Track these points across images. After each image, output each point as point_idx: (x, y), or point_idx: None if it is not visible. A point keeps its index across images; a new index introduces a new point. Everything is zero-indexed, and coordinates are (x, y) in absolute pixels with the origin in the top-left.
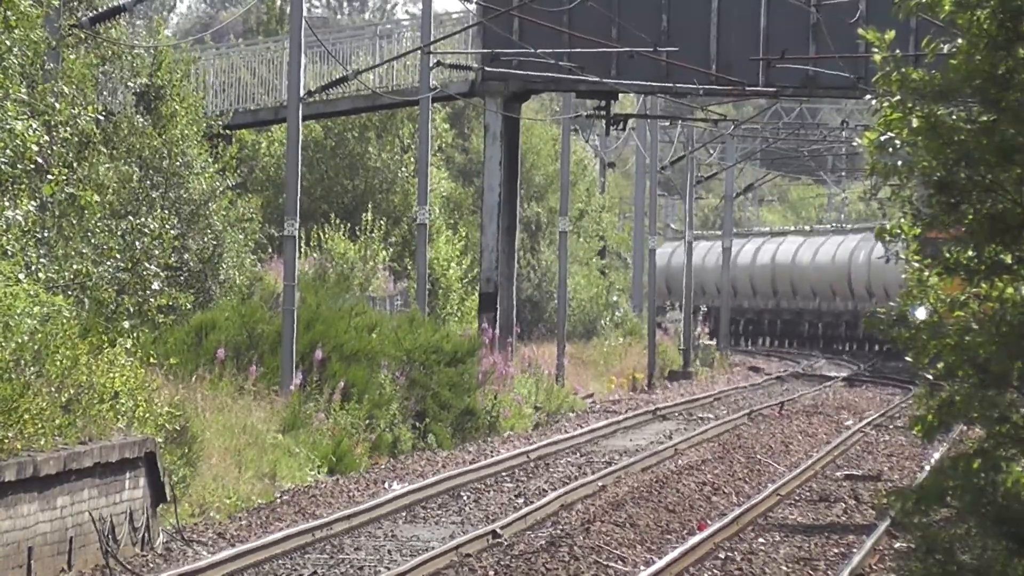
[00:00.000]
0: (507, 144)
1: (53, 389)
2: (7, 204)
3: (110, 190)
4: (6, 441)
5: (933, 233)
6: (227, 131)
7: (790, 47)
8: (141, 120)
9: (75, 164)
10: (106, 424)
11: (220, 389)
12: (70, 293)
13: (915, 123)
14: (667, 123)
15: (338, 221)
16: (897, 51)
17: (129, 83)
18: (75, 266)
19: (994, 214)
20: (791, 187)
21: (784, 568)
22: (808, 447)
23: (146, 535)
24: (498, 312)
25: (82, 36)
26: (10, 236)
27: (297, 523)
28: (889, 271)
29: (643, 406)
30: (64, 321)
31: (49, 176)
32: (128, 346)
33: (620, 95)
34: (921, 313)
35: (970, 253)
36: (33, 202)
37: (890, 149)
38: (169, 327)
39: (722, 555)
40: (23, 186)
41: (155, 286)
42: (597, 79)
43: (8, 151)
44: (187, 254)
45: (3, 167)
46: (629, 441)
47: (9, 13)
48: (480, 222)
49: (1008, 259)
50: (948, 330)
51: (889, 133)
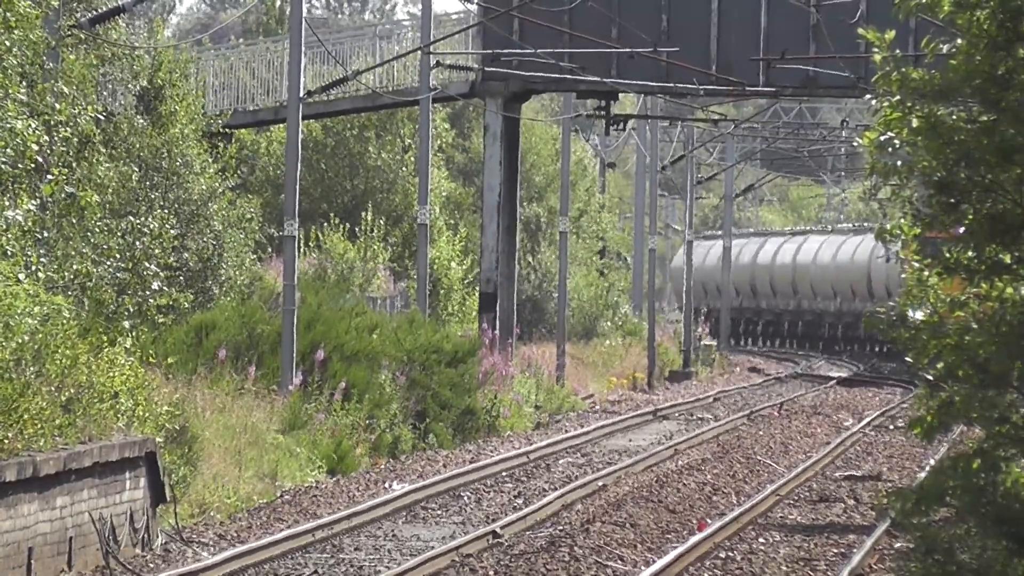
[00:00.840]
0: (507, 144)
1: (53, 389)
2: (7, 204)
3: (110, 190)
4: (6, 441)
5: (933, 232)
6: (226, 131)
7: (790, 47)
8: (141, 120)
9: (74, 164)
10: (106, 424)
11: (220, 389)
12: (70, 293)
13: (915, 123)
14: (667, 123)
15: (337, 221)
16: (897, 51)
17: (129, 84)
18: (75, 266)
19: (994, 214)
20: (791, 187)
21: (784, 568)
22: (808, 447)
23: (146, 535)
24: (498, 312)
25: (82, 37)
26: (10, 236)
27: (297, 523)
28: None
29: (643, 406)
30: (64, 321)
31: (49, 176)
32: (128, 345)
33: (620, 95)
34: (916, 314)
35: (970, 253)
36: (33, 202)
37: (890, 149)
38: (169, 327)
39: (722, 555)
40: (23, 186)
41: (155, 286)
42: (597, 79)
43: (8, 151)
44: (187, 254)
45: (3, 167)
46: (629, 441)
47: (8, 14)
48: (480, 222)
49: (1008, 259)
50: (948, 330)
51: (889, 133)
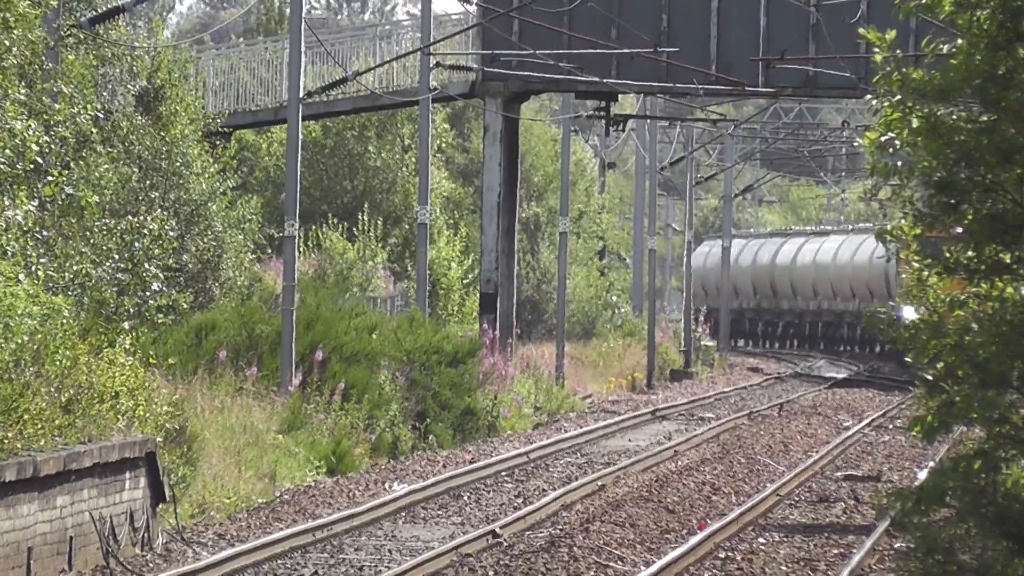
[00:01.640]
0: (507, 144)
1: (53, 389)
2: (7, 204)
3: (109, 190)
4: (6, 441)
5: (934, 232)
6: (226, 131)
7: (790, 47)
8: (140, 119)
9: (72, 164)
10: (106, 424)
11: (220, 389)
12: (70, 293)
13: (915, 123)
14: (667, 123)
15: (336, 221)
16: (898, 51)
17: (129, 84)
18: (75, 266)
19: (994, 214)
20: (791, 187)
21: (784, 568)
22: (808, 447)
23: (146, 535)
24: (498, 312)
25: (81, 37)
26: (10, 236)
27: (297, 523)
28: None
29: (643, 406)
30: (64, 321)
31: (49, 176)
32: (127, 345)
33: (620, 95)
34: (909, 314)
35: (970, 253)
36: (33, 202)
37: (890, 149)
38: (169, 328)
39: (722, 555)
40: (23, 186)
41: (155, 287)
42: (597, 79)
43: (8, 151)
44: (187, 255)
45: (3, 167)
46: (629, 441)
47: (8, 14)
48: (480, 222)
49: (1008, 259)
50: (948, 330)
51: (889, 133)
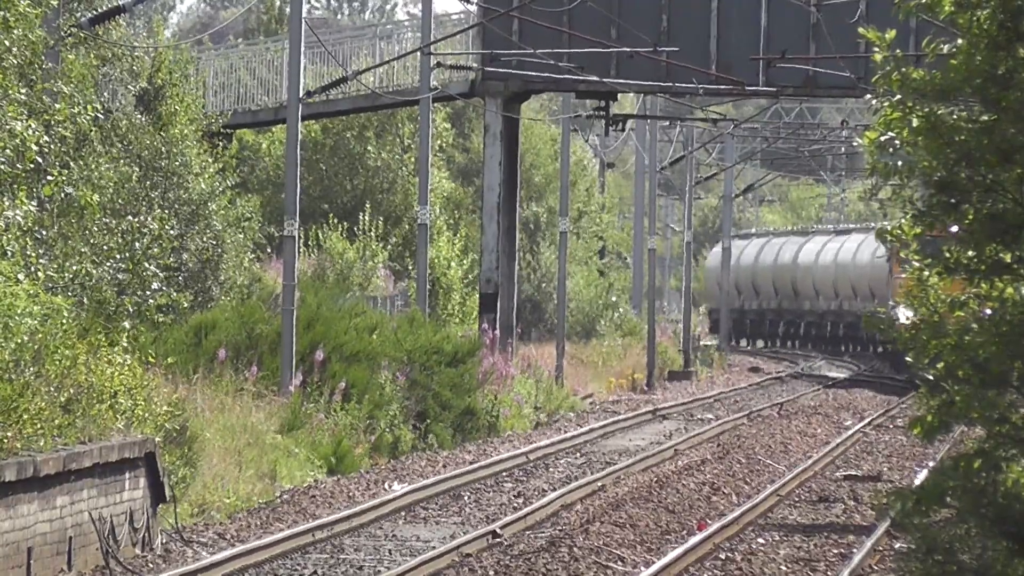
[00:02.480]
0: (507, 144)
1: (52, 389)
2: (7, 204)
3: (109, 189)
4: (6, 441)
5: (935, 231)
6: (226, 131)
7: (790, 47)
8: (140, 120)
9: (72, 164)
10: (105, 424)
11: (220, 389)
12: (70, 293)
13: (915, 123)
14: (667, 123)
15: (336, 221)
16: (898, 51)
17: (129, 84)
18: (75, 266)
19: (994, 214)
20: (791, 187)
21: (784, 568)
22: (808, 447)
23: (146, 535)
24: (498, 312)
25: (81, 36)
26: (10, 236)
27: (297, 523)
28: None
29: (643, 406)
30: (63, 321)
31: (48, 176)
32: (125, 344)
33: (620, 95)
34: (903, 314)
35: (970, 253)
36: (33, 202)
37: (890, 149)
38: (168, 327)
39: (722, 555)
40: (23, 186)
41: (155, 286)
42: (597, 79)
43: (8, 151)
44: (186, 254)
45: (3, 167)
46: (628, 441)
47: (8, 13)
48: (480, 222)
49: (1008, 259)
50: (948, 330)
51: (889, 133)
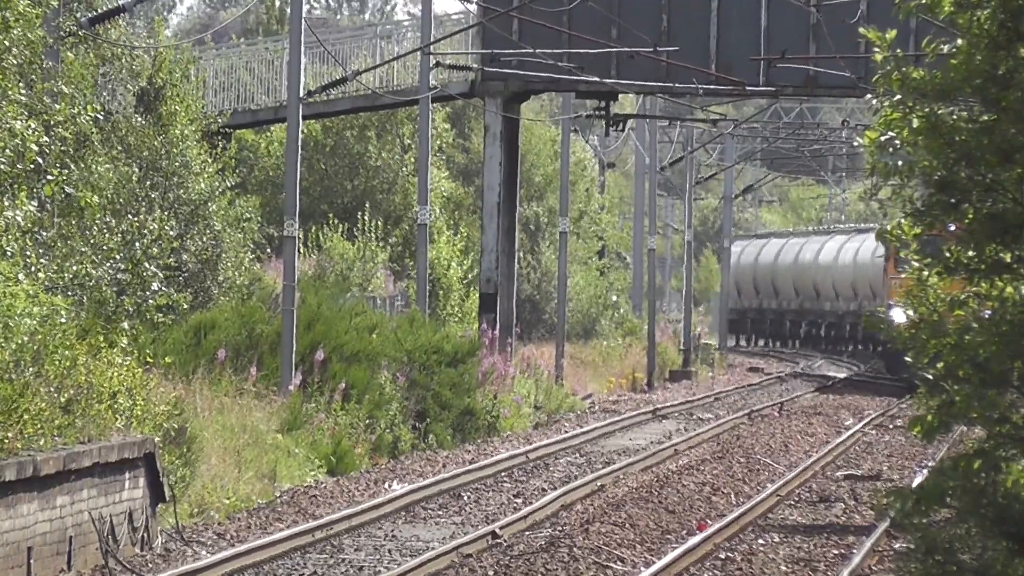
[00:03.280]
0: (507, 144)
1: (52, 389)
2: (7, 204)
3: (109, 190)
4: (6, 441)
5: (936, 230)
6: (226, 131)
7: (790, 47)
8: (140, 120)
9: (72, 164)
10: (105, 424)
11: (219, 389)
12: (70, 293)
13: (916, 123)
14: (667, 123)
15: (336, 221)
16: (898, 51)
17: (129, 85)
18: (74, 266)
19: (994, 213)
20: (791, 187)
21: (784, 569)
22: (808, 447)
23: (146, 535)
24: (498, 312)
25: (81, 36)
26: (10, 236)
27: (297, 523)
28: None
29: (642, 406)
30: (63, 321)
31: (48, 176)
32: (124, 344)
33: (620, 95)
34: (899, 315)
35: (970, 253)
36: (32, 202)
37: (890, 149)
38: (168, 327)
39: (722, 555)
40: (22, 186)
41: (154, 286)
42: (597, 79)
43: (8, 151)
44: (186, 254)
45: (3, 167)
46: (628, 441)
47: (8, 13)
48: (480, 222)
49: (1008, 258)
50: (948, 330)
51: (889, 133)
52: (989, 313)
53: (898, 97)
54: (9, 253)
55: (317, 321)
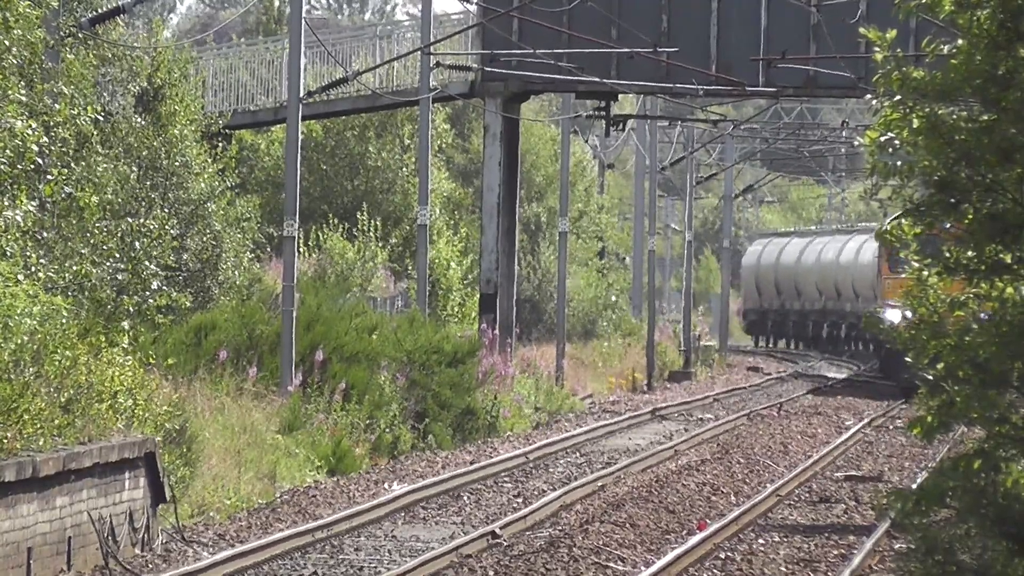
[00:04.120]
0: (507, 144)
1: (52, 389)
2: (7, 204)
3: (109, 190)
4: (6, 441)
5: (935, 230)
6: (226, 131)
7: (790, 47)
8: (140, 120)
9: (72, 164)
10: (105, 424)
11: (220, 389)
12: (70, 293)
13: (916, 123)
14: (667, 123)
15: (336, 221)
16: (898, 51)
17: (129, 85)
18: (74, 266)
19: (994, 213)
20: (791, 187)
21: (784, 569)
22: (808, 448)
23: (146, 535)
24: (498, 313)
25: (81, 37)
26: (10, 236)
27: (297, 523)
28: None
29: (642, 407)
30: (63, 321)
31: (48, 176)
32: (125, 344)
33: (620, 95)
34: (893, 316)
35: (970, 253)
36: (32, 202)
37: (890, 149)
38: (168, 327)
39: (722, 555)
40: (22, 186)
41: (154, 286)
42: (597, 79)
43: (8, 151)
44: (186, 254)
45: (3, 167)
46: (629, 441)
47: (7, 14)
48: (480, 222)
49: (1008, 259)
50: (948, 330)
51: (889, 133)
52: (987, 315)
53: (898, 97)
54: (9, 253)
55: (317, 321)
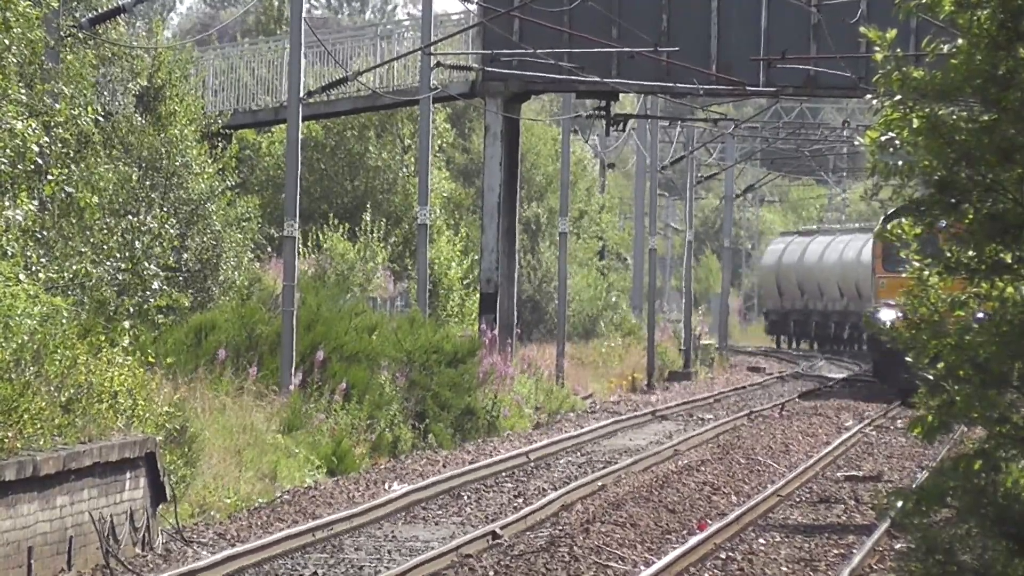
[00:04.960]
0: (507, 144)
1: (52, 389)
2: (7, 204)
3: (109, 190)
4: (6, 441)
5: (935, 230)
6: (226, 131)
7: (791, 47)
8: (140, 120)
9: (73, 164)
10: (106, 424)
11: (220, 389)
12: (70, 293)
13: (916, 123)
14: (667, 123)
15: (337, 221)
16: (899, 50)
17: (129, 85)
18: (75, 266)
19: (994, 214)
20: (792, 187)
21: (784, 569)
22: (808, 448)
23: (146, 535)
24: (498, 312)
25: (81, 37)
26: (10, 236)
27: (297, 523)
28: None
29: (642, 407)
30: (63, 321)
31: (49, 176)
32: (125, 344)
33: (620, 95)
34: (887, 315)
35: (970, 253)
36: (33, 202)
37: (891, 149)
38: (169, 327)
39: (722, 555)
40: (23, 186)
41: (155, 286)
42: (597, 79)
43: (8, 151)
44: (186, 254)
45: (3, 167)
46: (629, 441)
47: (8, 14)
48: (480, 222)
49: (1008, 259)
50: (948, 330)
51: (890, 133)
52: (987, 315)
53: (898, 97)
54: (9, 253)
55: (317, 321)
